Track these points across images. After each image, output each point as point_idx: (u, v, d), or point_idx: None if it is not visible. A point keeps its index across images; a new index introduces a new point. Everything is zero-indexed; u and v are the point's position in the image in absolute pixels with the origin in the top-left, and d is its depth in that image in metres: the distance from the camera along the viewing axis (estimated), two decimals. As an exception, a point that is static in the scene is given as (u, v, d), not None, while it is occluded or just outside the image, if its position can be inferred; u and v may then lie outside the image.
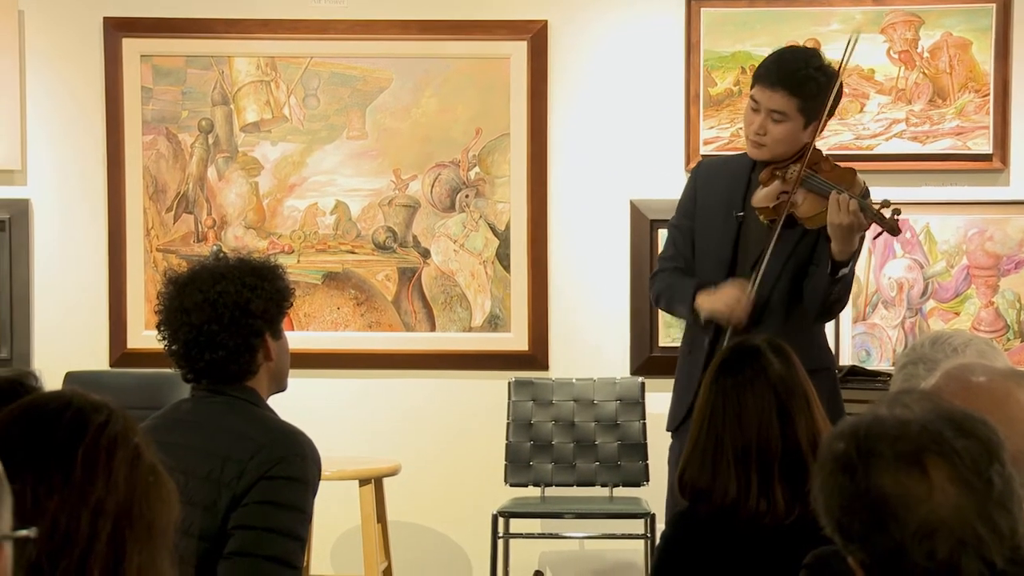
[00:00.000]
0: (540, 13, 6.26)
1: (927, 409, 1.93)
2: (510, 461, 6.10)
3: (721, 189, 4.65)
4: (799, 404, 3.31)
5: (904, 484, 1.87)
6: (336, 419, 6.24)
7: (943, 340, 3.09)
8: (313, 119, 6.31)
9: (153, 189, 6.32)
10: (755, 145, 4.56)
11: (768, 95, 4.50)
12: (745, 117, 4.62)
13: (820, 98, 4.49)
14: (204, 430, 3.23)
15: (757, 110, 4.53)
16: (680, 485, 3.37)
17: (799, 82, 4.49)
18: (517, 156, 6.25)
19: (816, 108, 4.49)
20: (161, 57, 6.31)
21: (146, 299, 6.26)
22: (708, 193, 4.67)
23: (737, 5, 6.16)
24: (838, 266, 4.38)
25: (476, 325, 6.31)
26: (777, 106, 4.49)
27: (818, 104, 4.49)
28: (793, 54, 4.66)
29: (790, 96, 4.49)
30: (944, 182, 6.15)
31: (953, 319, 6.15)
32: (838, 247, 4.34)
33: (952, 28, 6.16)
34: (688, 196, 4.74)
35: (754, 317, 4.46)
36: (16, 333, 6.31)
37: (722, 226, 4.60)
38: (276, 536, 3.13)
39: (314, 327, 6.33)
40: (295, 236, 6.33)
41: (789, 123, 4.51)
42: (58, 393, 2.00)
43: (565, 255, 6.27)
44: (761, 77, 4.55)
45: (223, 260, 3.37)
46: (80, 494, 1.86)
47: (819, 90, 4.49)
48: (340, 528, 6.27)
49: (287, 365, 3.39)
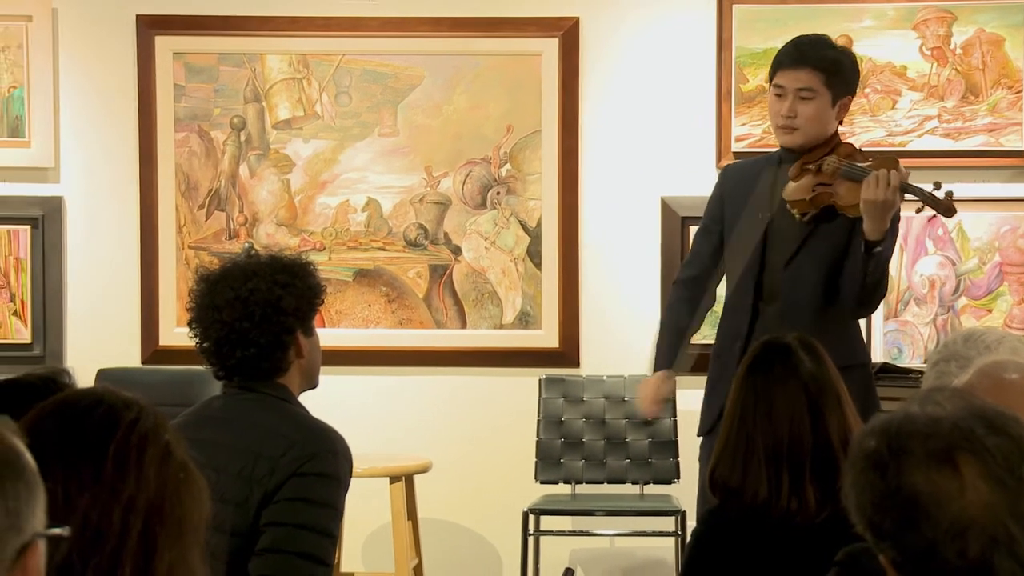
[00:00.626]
0: (572, 10, 6.25)
1: (959, 406, 1.93)
2: (541, 458, 6.10)
3: (747, 190, 4.69)
4: (830, 402, 3.30)
5: (936, 482, 1.86)
6: (367, 416, 6.25)
7: (976, 337, 3.08)
8: (345, 116, 6.32)
9: (185, 186, 6.34)
10: (786, 131, 4.61)
11: (793, 75, 4.58)
12: (770, 109, 4.68)
13: (843, 75, 4.60)
14: (235, 427, 3.24)
15: (783, 95, 4.59)
16: (711, 483, 3.37)
17: (821, 57, 4.58)
18: (548, 153, 6.25)
19: (841, 84, 4.59)
20: (194, 55, 6.33)
21: (178, 296, 6.28)
22: (735, 196, 4.72)
23: (769, 2, 6.15)
24: (871, 245, 4.39)
25: (507, 322, 6.31)
26: (804, 83, 4.56)
27: (842, 80, 4.59)
28: (808, 37, 4.74)
29: (815, 71, 4.57)
30: (976, 179, 6.12)
31: (985, 316, 6.13)
32: (870, 225, 4.37)
33: (985, 24, 6.13)
34: (715, 200, 4.80)
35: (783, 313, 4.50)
36: (49, 330, 6.34)
37: (751, 227, 4.62)
38: (308, 532, 3.14)
39: (345, 324, 6.34)
40: (326, 233, 6.34)
41: (818, 100, 4.57)
42: (89, 390, 2.01)
43: (596, 252, 6.27)
44: (783, 62, 4.63)
45: (255, 257, 3.37)
46: (111, 491, 1.87)
47: (841, 66, 4.60)
48: (371, 525, 6.28)
49: (318, 362, 3.40)
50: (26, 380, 2.62)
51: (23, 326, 6.35)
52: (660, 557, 6.23)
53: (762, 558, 3.26)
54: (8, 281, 6.34)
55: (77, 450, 1.89)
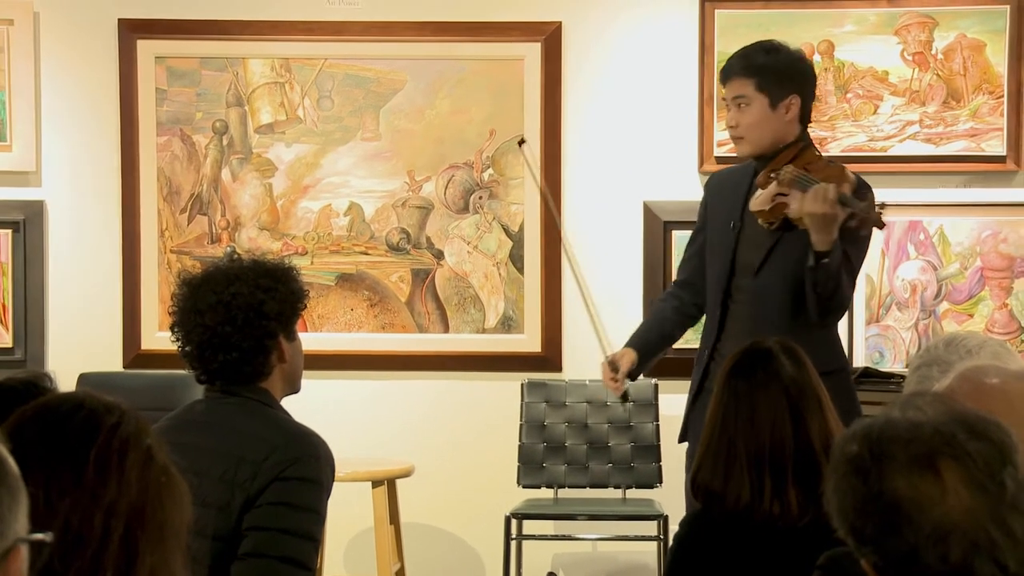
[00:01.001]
0: (554, 15, 6.26)
1: (940, 411, 1.93)
2: (523, 463, 6.10)
3: (724, 200, 4.72)
4: (811, 406, 3.31)
5: (917, 487, 1.87)
6: (349, 420, 6.24)
7: (957, 342, 3.09)
8: (327, 120, 6.32)
9: (167, 190, 6.33)
10: (735, 141, 4.68)
11: (729, 86, 4.64)
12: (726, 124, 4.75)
13: (776, 75, 4.58)
14: (218, 431, 3.24)
15: (729, 107, 4.65)
16: (693, 488, 3.37)
17: (747, 63, 4.61)
18: (531, 157, 6.25)
19: (775, 85, 4.57)
20: (176, 58, 6.32)
21: (160, 300, 6.27)
22: (715, 205, 4.77)
23: (751, 7, 6.16)
24: (820, 256, 4.40)
25: (489, 327, 6.31)
26: (737, 91, 4.61)
27: (776, 81, 4.57)
28: (746, 47, 4.74)
29: (744, 78, 4.60)
30: (958, 184, 6.14)
31: (967, 321, 6.14)
32: (816, 236, 4.38)
33: (966, 30, 6.15)
34: (701, 207, 4.86)
35: (756, 322, 4.51)
36: (30, 334, 6.33)
37: (723, 235, 4.65)
38: (290, 537, 3.13)
39: (328, 328, 6.33)
40: (309, 237, 6.34)
41: (754, 105, 4.58)
42: (70, 394, 2.01)
43: (578, 257, 6.27)
44: (721, 76, 4.72)
45: (237, 262, 3.37)
46: (92, 495, 1.87)
47: (770, 68, 4.58)
48: (353, 529, 6.28)
49: (301, 367, 3.39)
50: (8, 384, 2.61)
51: (4, 330, 6.33)
52: (642, 561, 6.23)
53: (744, 562, 3.26)
54: (-11, 285, 6.33)
55: (58, 454, 1.89)
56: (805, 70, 4.66)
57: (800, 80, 4.62)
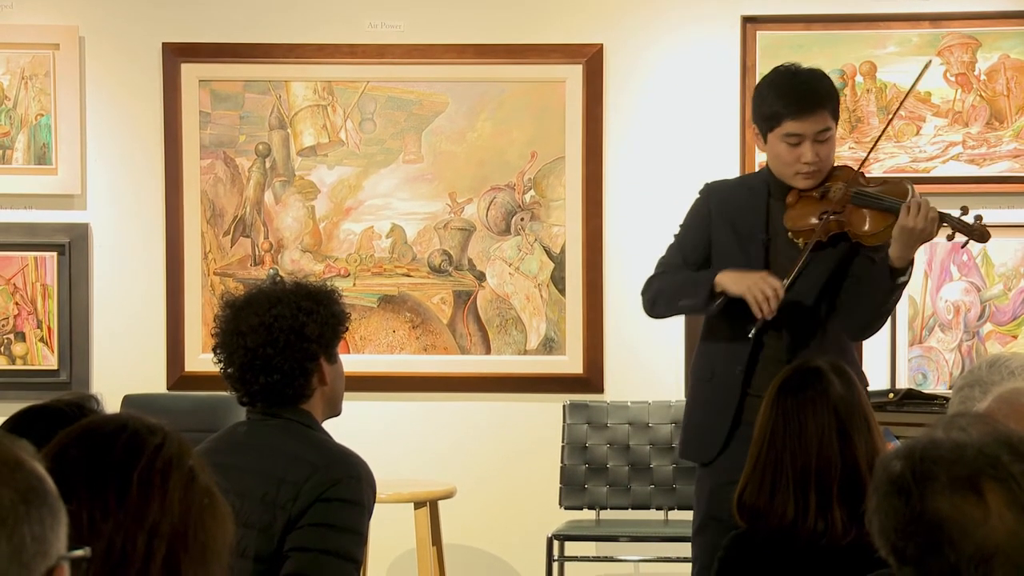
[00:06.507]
0: (595, 37, 6.27)
1: (984, 432, 1.92)
2: (565, 484, 6.10)
3: (738, 212, 4.51)
4: (859, 425, 3.32)
5: (960, 508, 1.86)
6: (391, 442, 6.25)
7: (1000, 363, 3.08)
8: (369, 143, 6.34)
9: (211, 213, 6.36)
10: (807, 176, 4.39)
11: (810, 121, 4.34)
12: (781, 158, 4.40)
13: (838, 101, 4.48)
14: (259, 452, 3.25)
15: (798, 144, 4.36)
16: (738, 506, 3.36)
17: (830, 93, 4.44)
18: (572, 179, 6.26)
19: (838, 109, 4.47)
20: (219, 82, 6.35)
21: (203, 322, 6.30)
22: (724, 215, 4.53)
23: (793, 28, 6.15)
24: (896, 273, 4.29)
25: (531, 348, 6.31)
26: (823, 125, 4.36)
27: (838, 105, 4.47)
28: (803, 76, 4.48)
29: (826, 110, 4.37)
30: (1001, 204, 6.11)
31: (1011, 342, 6.11)
32: (899, 253, 4.23)
33: (1009, 51, 6.12)
34: (702, 215, 4.59)
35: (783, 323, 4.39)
36: (75, 356, 6.36)
37: (746, 250, 4.46)
38: (332, 558, 3.14)
39: (370, 350, 6.35)
40: (351, 259, 6.36)
41: (833, 135, 4.42)
42: (114, 416, 2.02)
43: (620, 278, 6.26)
44: (793, 111, 4.35)
45: (279, 284, 3.39)
46: (135, 516, 1.87)
47: (837, 94, 4.50)
48: (395, 551, 6.28)
49: (342, 390, 3.40)
50: (55, 406, 2.63)
51: (49, 352, 6.37)
52: (685, 583, 6.21)
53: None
54: (35, 307, 6.37)
55: (102, 475, 1.90)
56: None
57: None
